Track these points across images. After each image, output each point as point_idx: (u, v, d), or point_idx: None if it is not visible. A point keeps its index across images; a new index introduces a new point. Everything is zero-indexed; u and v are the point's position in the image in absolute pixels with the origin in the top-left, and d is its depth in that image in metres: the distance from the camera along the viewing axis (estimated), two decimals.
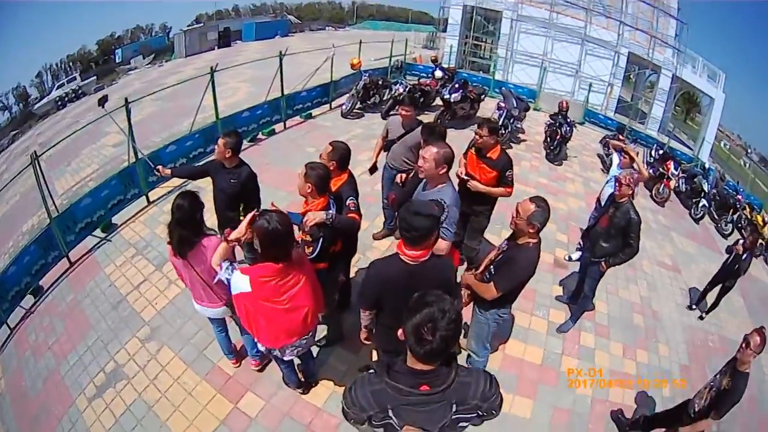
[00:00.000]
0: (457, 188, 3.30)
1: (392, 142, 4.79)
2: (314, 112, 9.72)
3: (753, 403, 4.89)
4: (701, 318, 5.83)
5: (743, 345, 2.96)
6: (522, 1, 18.54)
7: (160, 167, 4.14)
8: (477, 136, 3.95)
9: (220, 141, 3.61)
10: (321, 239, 2.90)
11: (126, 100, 5.44)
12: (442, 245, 2.80)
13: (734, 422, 4.38)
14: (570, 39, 18.42)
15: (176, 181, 6.17)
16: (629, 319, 5.35)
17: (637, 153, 6.25)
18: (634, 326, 5.24)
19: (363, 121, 9.76)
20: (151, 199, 5.86)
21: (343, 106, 9.86)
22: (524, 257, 2.71)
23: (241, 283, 2.36)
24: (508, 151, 4.16)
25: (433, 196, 2.97)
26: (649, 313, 5.61)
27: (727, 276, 5.76)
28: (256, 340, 2.74)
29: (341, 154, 3.25)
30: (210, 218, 4.58)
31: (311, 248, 2.92)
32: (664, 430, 3.62)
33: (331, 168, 3.11)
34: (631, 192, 4.10)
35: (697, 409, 3.21)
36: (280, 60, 8.06)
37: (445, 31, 21.88)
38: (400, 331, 1.56)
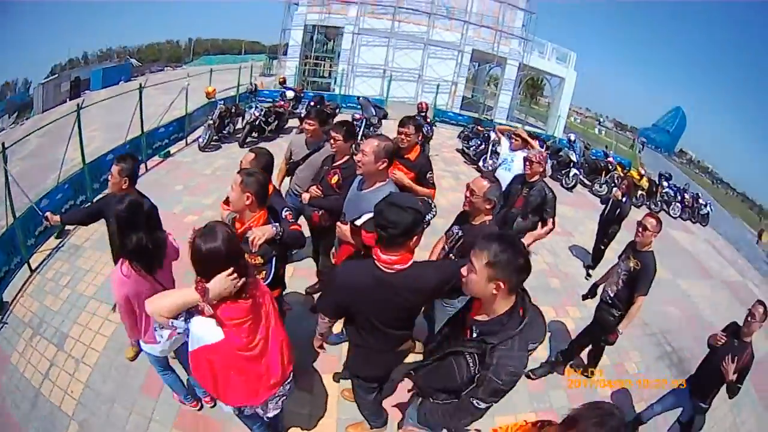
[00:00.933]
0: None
1: (296, 164, 4.37)
2: (172, 149, 9.33)
3: (694, 320, 6.17)
4: None
5: (640, 230, 3.63)
6: (362, 14, 19.79)
7: (48, 214, 3.59)
8: (402, 136, 3.80)
9: (114, 169, 3.18)
10: (274, 259, 2.59)
11: (3, 145, 4.89)
12: None
13: (687, 338, 5.38)
14: (412, 45, 20.16)
15: (53, 243, 5.60)
16: (547, 284, 5.92)
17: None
18: (554, 290, 5.81)
19: (222, 152, 9.54)
20: (32, 267, 5.20)
21: (200, 139, 9.64)
22: None
23: (207, 332, 1.89)
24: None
25: (371, 196, 2.72)
26: (562, 276, 6.29)
27: (610, 224, 6.63)
28: (222, 402, 2.21)
29: (267, 160, 3.07)
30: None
31: (263, 273, 2.57)
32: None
33: None
34: (542, 169, 4.44)
35: (612, 295, 3.78)
36: (140, 93, 7.76)
37: (285, 54, 22.34)
38: None
